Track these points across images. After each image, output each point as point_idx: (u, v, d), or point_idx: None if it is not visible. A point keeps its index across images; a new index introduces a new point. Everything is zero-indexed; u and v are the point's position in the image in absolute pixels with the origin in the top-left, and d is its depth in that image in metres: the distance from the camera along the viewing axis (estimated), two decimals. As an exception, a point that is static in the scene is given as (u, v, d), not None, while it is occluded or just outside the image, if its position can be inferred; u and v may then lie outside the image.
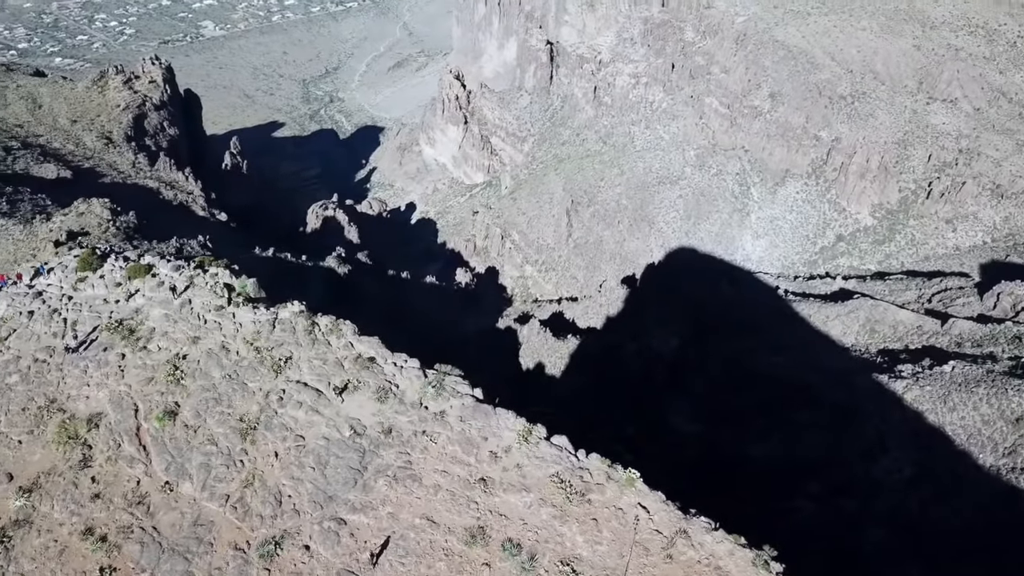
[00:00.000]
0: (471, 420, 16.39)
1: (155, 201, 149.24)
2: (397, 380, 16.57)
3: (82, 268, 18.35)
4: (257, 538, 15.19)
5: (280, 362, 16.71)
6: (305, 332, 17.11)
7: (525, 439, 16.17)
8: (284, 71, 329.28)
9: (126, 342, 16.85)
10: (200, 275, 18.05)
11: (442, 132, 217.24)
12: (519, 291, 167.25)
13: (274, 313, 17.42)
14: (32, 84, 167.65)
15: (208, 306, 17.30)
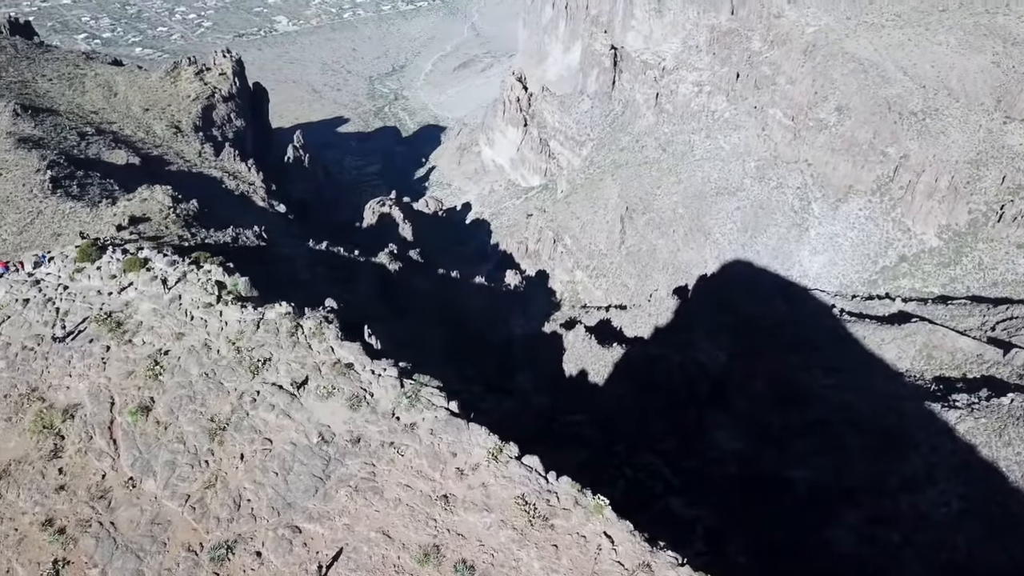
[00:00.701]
0: (442, 434, 16.12)
1: (217, 190, 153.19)
2: (373, 388, 16.42)
3: (80, 259, 18.75)
4: (211, 541, 15.22)
5: (258, 363, 16.73)
6: (288, 334, 17.11)
7: (495, 457, 15.81)
8: (352, 67, 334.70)
9: (112, 335, 17.10)
10: (193, 271, 18.22)
11: (502, 134, 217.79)
12: (568, 296, 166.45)
13: (261, 313, 17.46)
14: (109, 72, 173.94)
15: (197, 303, 17.45)
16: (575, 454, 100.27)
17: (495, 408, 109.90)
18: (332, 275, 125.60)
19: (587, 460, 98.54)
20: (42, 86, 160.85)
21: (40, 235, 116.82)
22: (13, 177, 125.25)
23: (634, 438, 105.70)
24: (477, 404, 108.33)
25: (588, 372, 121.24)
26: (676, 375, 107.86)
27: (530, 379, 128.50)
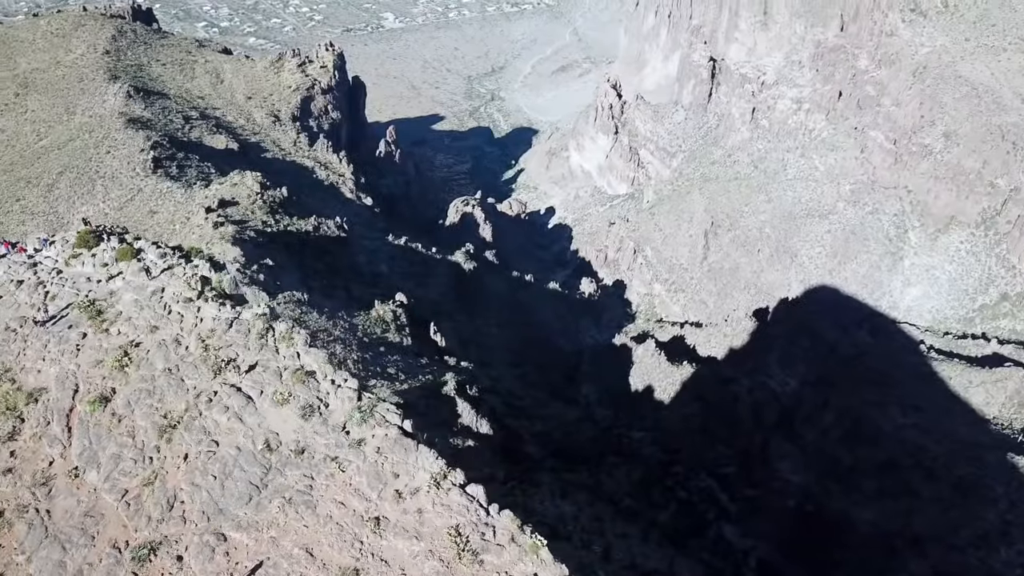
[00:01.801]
0: (389, 453, 15.80)
1: (308, 179, 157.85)
2: (329, 399, 16.25)
3: (78, 245, 19.38)
4: (137, 540, 15.34)
5: (223, 363, 16.86)
6: (257, 336, 17.16)
7: (437, 483, 15.36)
8: (452, 66, 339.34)
9: (92, 322, 17.57)
10: (181, 265, 18.57)
11: (592, 140, 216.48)
12: (644, 308, 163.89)
13: (237, 312, 17.60)
14: (218, 60, 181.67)
15: (178, 297, 17.73)
16: (631, 471, 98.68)
17: (555, 416, 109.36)
18: (409, 270, 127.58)
19: (642, 478, 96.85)
20: (155, 70, 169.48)
21: (138, 211, 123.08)
22: (120, 155, 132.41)
23: (694, 460, 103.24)
24: (538, 411, 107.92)
25: (654, 389, 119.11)
26: (744, 399, 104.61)
27: (595, 390, 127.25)
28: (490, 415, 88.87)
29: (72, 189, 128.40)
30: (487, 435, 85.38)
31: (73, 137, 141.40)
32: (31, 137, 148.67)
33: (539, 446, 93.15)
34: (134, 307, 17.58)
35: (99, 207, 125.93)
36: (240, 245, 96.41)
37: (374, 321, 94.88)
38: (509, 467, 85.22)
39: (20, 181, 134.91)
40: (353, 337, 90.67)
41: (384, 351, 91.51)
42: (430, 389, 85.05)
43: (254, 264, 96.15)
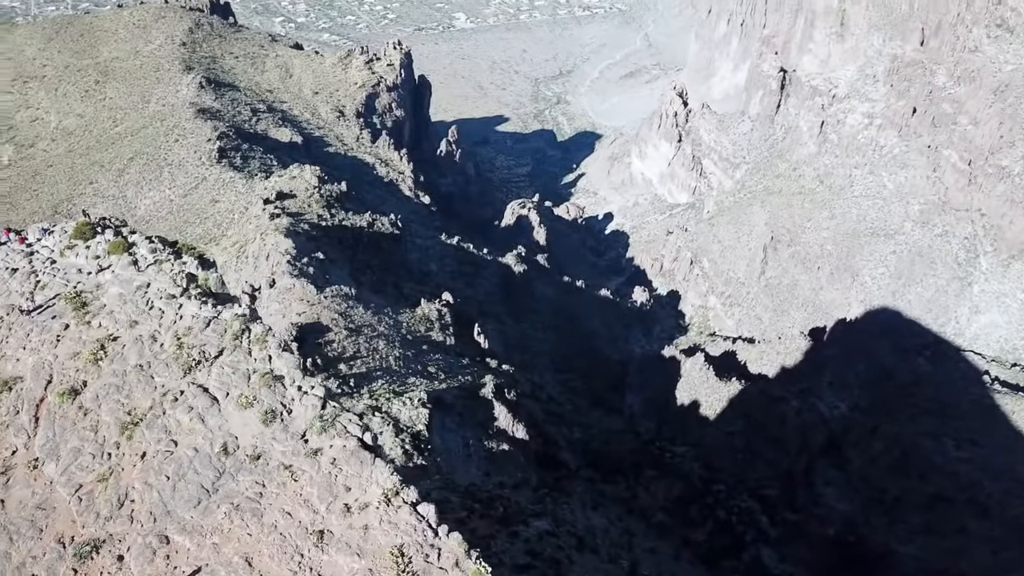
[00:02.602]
0: (344, 465, 15.55)
1: (368, 175, 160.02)
2: (293, 406, 16.12)
3: (74, 236, 19.73)
4: (83, 536, 15.43)
5: (193, 362, 16.91)
6: (233, 337, 17.16)
7: (388, 500, 15.05)
8: (520, 68, 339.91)
9: (75, 314, 17.83)
10: (170, 261, 18.71)
11: (654, 147, 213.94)
12: (697, 321, 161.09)
13: (217, 311, 17.64)
14: (289, 55, 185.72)
15: (161, 293, 17.87)
16: (670, 486, 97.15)
17: (596, 425, 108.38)
18: (459, 269, 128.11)
19: (681, 494, 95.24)
20: (228, 63, 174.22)
21: (201, 200, 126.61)
22: (187, 144, 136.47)
23: (736, 479, 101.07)
24: (578, 418, 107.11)
25: (700, 403, 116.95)
26: (791, 420, 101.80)
27: (640, 401, 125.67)
28: (527, 420, 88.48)
29: (141, 175, 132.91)
30: (523, 440, 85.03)
31: (146, 125, 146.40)
32: (107, 123, 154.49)
33: (576, 454, 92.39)
34: (118, 301, 17.83)
35: (165, 193, 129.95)
36: (293, 238, 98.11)
37: (418, 319, 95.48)
38: (543, 474, 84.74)
39: (94, 165, 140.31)
40: (396, 334, 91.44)
41: (426, 349, 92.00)
42: (468, 390, 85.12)
43: (305, 257, 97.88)
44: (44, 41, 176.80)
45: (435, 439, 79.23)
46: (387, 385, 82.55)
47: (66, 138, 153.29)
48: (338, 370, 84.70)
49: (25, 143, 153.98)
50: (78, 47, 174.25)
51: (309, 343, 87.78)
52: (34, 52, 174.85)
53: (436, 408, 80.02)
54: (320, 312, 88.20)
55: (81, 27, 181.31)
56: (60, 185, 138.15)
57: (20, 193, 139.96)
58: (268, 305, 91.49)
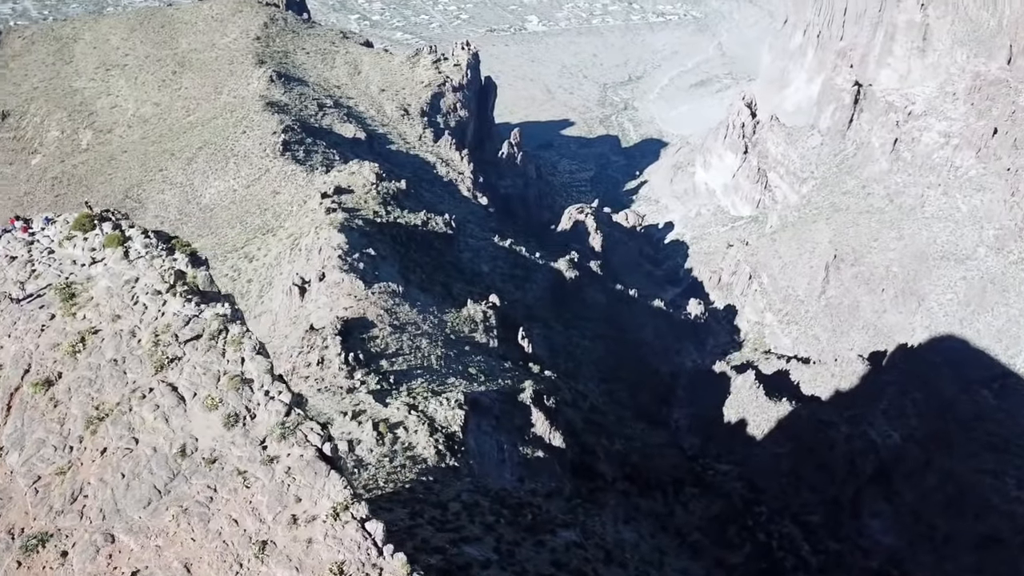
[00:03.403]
0: (298, 475, 15.33)
1: (428, 174, 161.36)
2: (258, 410, 15.98)
3: (75, 227, 20.09)
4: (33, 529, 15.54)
5: (166, 360, 16.97)
6: (209, 336, 17.17)
7: (336, 514, 14.76)
8: (589, 73, 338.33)
9: (63, 305, 18.10)
10: (161, 257, 18.86)
11: (719, 158, 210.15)
12: (752, 338, 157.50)
13: (199, 309, 17.69)
14: (358, 52, 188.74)
15: (148, 288, 17.99)
16: (709, 505, 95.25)
17: (638, 438, 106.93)
18: (510, 272, 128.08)
19: (720, 513, 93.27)
20: (299, 58, 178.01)
21: (263, 191, 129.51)
22: (254, 136, 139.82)
23: (779, 503, 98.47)
24: (620, 430, 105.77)
25: (748, 422, 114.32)
26: (840, 446, 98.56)
27: (686, 416, 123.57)
28: (565, 428, 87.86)
29: (208, 164, 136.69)
30: (559, 448, 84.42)
31: (216, 115, 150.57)
32: (181, 112, 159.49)
33: (613, 466, 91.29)
34: (105, 294, 18.07)
35: (229, 183, 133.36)
36: (346, 233, 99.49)
37: (463, 320, 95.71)
38: (577, 483, 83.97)
39: (165, 153, 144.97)
40: (440, 333, 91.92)
41: (469, 350, 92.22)
42: (507, 394, 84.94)
43: (356, 252, 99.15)
44: (128, 31, 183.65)
45: (469, 441, 79.29)
46: (426, 384, 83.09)
47: (141, 125, 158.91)
48: (379, 366, 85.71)
49: (103, 128, 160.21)
50: (159, 38, 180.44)
51: (354, 338, 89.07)
52: (118, 41, 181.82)
53: (473, 410, 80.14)
54: (367, 308, 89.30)
55: (163, 18, 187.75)
56: (132, 171, 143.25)
57: (95, 176, 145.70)
58: (317, 298, 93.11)
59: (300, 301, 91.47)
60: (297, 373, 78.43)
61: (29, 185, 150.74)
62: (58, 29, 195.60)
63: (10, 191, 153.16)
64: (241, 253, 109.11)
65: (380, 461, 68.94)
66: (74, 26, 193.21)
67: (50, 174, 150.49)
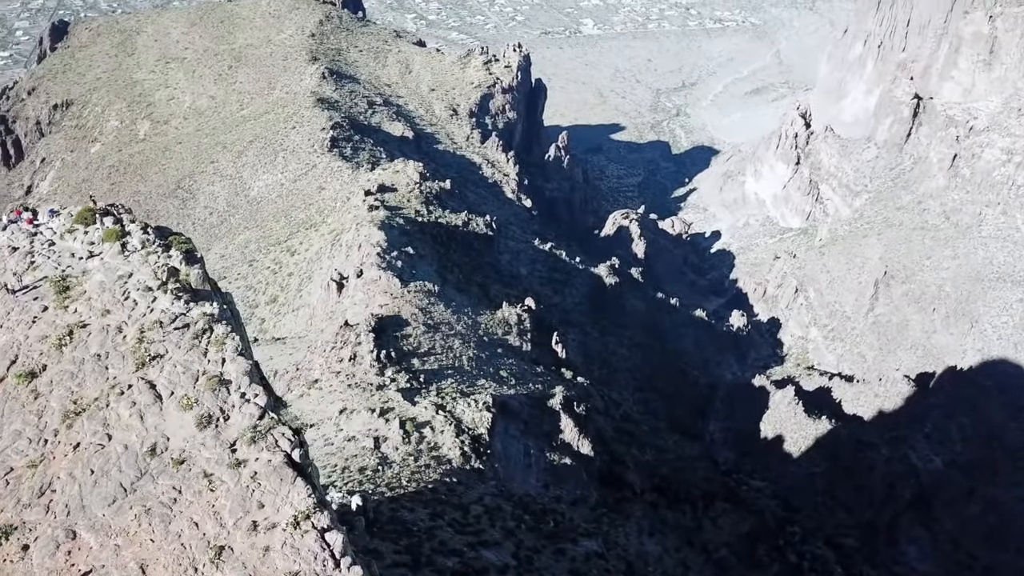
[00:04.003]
0: (264, 480, 15.20)
1: (473, 175, 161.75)
2: (232, 412, 15.91)
3: (77, 221, 20.36)
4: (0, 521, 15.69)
5: (147, 357, 17.02)
6: (193, 335, 17.18)
7: (296, 523, 14.58)
8: (642, 77, 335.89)
9: (56, 298, 18.33)
10: (156, 253, 18.97)
11: (770, 168, 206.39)
12: (796, 353, 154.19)
13: (188, 308, 17.74)
14: (410, 52, 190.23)
15: (140, 284, 18.10)
16: (740, 521, 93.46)
17: (671, 449, 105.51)
18: (549, 276, 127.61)
19: (750, 531, 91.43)
20: (352, 55, 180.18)
21: (309, 186, 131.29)
22: (303, 131, 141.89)
23: (813, 523, 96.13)
24: (652, 440, 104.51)
25: (785, 439, 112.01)
26: (879, 469, 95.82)
27: (722, 429, 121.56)
28: (595, 436, 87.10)
29: (257, 158, 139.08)
30: (587, 456, 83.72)
31: (268, 110, 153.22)
32: (235, 106, 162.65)
33: (643, 477, 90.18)
34: (98, 289, 18.27)
35: (277, 177, 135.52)
36: (386, 231, 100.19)
37: (497, 322, 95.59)
38: (604, 492, 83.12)
39: (218, 145, 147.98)
40: (473, 334, 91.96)
41: (501, 353, 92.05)
42: (537, 399, 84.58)
43: (395, 251, 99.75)
44: (188, 25, 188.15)
45: (496, 444, 79.07)
46: (456, 384, 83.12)
47: (197, 117, 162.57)
48: (411, 364, 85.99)
49: (160, 119, 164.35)
50: (217, 33, 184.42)
51: (387, 335, 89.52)
52: (178, 35, 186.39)
53: (501, 413, 79.91)
54: (401, 306, 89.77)
55: (222, 14, 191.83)
56: (185, 161, 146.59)
57: (150, 166, 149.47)
58: (354, 294, 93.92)
59: (337, 296, 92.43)
60: (329, 368, 79.17)
61: (88, 172, 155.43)
62: (123, 22, 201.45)
63: (70, 177, 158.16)
64: (284, 247, 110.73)
65: (405, 460, 69.14)
66: (138, 19, 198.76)
67: (108, 162, 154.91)
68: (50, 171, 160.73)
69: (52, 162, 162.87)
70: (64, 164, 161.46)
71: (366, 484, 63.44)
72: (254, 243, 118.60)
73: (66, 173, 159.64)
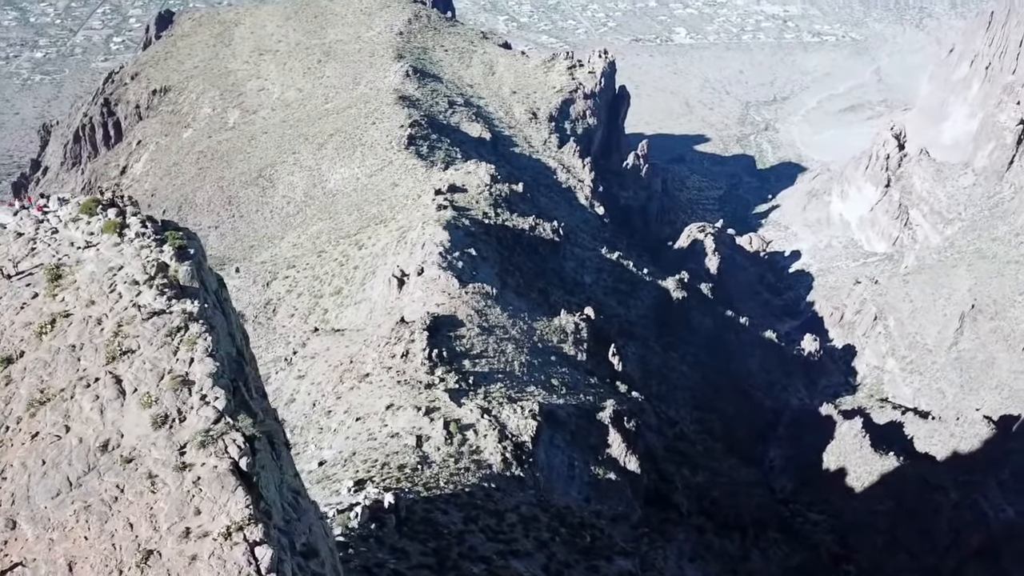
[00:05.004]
0: (206, 487, 14.99)
1: (547, 179, 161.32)
2: (189, 414, 15.80)
3: (82, 211, 20.72)
4: None
5: (119, 351, 17.08)
6: (167, 332, 17.18)
7: (228, 534, 14.29)
8: (732, 89, 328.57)
9: (48, 286, 18.64)
10: (149, 247, 19.08)
11: (858, 189, 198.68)
12: (869, 383, 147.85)
13: (169, 304, 17.78)
14: (495, 53, 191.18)
15: (128, 278, 18.26)
16: (791, 553, 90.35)
17: (725, 473, 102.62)
18: (614, 286, 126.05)
19: (802, 565, 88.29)
20: (437, 55, 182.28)
21: (383, 182, 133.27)
22: (382, 127, 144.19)
23: (870, 564, 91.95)
24: (706, 462, 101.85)
25: (848, 473, 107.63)
26: (946, 513, 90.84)
27: (783, 457, 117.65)
28: (644, 453, 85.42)
29: (337, 151, 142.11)
30: (634, 473, 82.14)
31: (351, 105, 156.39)
32: (320, 100, 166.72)
33: (691, 499, 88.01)
34: (88, 279, 18.56)
35: (354, 171, 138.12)
36: (451, 231, 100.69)
37: (554, 329, 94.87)
38: (648, 511, 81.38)
39: (300, 137, 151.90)
40: (528, 340, 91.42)
41: (555, 361, 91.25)
42: (586, 411, 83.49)
43: (457, 251, 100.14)
44: (283, 19, 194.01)
45: (539, 453, 78.33)
46: (504, 389, 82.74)
47: (284, 109, 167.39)
48: (461, 365, 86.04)
49: (250, 109, 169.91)
50: (310, 27, 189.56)
51: (441, 335, 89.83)
52: (273, 28, 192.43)
53: (547, 422, 79.16)
54: (458, 306, 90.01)
55: (316, 9, 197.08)
56: (269, 151, 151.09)
57: (235, 154, 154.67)
58: (413, 292, 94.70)
59: (397, 293, 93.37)
60: (381, 363, 79.95)
61: (178, 156, 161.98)
62: (223, 13, 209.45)
63: (162, 160, 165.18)
64: (352, 240, 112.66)
65: (445, 461, 69.14)
66: (237, 12, 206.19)
67: (197, 147, 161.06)
68: (144, 153, 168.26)
69: (147, 145, 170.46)
70: (158, 147, 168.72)
71: (404, 482, 63.69)
72: (325, 234, 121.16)
73: (159, 156, 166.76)
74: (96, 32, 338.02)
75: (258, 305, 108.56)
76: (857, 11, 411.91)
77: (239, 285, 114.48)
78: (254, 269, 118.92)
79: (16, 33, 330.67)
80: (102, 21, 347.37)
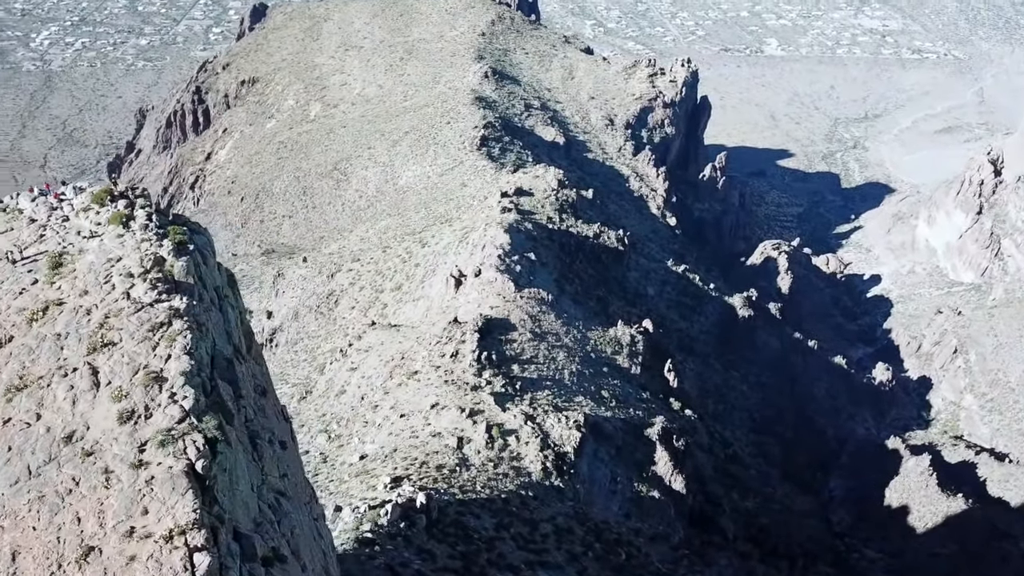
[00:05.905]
0: (157, 487, 14.86)
1: (619, 187, 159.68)
2: (156, 411, 15.73)
3: (93, 200, 21.07)
4: None
5: (100, 343, 17.19)
6: (150, 328, 17.21)
7: (169, 537, 14.12)
8: (821, 104, 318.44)
9: (48, 273, 18.98)
10: (150, 241, 19.22)
11: (947, 214, 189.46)
12: (944, 419, 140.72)
13: (159, 298, 17.85)
14: (576, 57, 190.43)
15: (124, 270, 18.41)
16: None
17: (779, 500, 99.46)
18: (677, 300, 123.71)
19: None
20: (517, 57, 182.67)
21: (453, 181, 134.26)
22: (456, 127, 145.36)
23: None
24: (759, 487, 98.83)
25: (911, 511, 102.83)
26: (1015, 563, 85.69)
27: (843, 488, 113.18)
28: (692, 473, 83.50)
29: (410, 148, 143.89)
30: (679, 492, 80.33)
31: (428, 103, 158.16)
32: (399, 97, 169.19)
33: (738, 524, 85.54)
34: (86, 269, 18.88)
35: (425, 169, 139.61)
36: (512, 234, 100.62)
37: (609, 340, 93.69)
38: (691, 533, 79.45)
39: (376, 133, 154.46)
40: (580, 349, 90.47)
41: (607, 372, 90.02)
42: (635, 426, 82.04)
43: (516, 255, 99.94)
44: (370, 16, 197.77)
45: (581, 465, 77.36)
46: (551, 397, 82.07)
47: (364, 104, 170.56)
48: (510, 369, 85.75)
49: (331, 103, 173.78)
50: (395, 25, 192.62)
51: (492, 337, 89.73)
52: (360, 25, 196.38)
53: (592, 434, 78.10)
54: (512, 310, 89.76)
55: (402, 7, 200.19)
56: (346, 145, 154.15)
57: (314, 146, 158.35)
58: (469, 293, 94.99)
59: (454, 293, 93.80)
60: (431, 362, 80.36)
61: (260, 146, 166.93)
62: (313, 8, 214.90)
63: (244, 148, 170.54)
64: (417, 238, 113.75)
65: (484, 464, 68.95)
66: (327, 7, 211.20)
67: (278, 138, 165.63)
68: (229, 141, 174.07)
69: (232, 133, 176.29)
70: (242, 136, 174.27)
71: (440, 482, 63.74)
72: (392, 230, 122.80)
73: (242, 144, 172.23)
74: (197, 22, 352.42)
75: (321, 295, 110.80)
76: (963, 28, 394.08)
77: (305, 275, 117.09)
78: (321, 259, 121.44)
79: (124, 20, 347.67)
80: (203, 11, 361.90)
